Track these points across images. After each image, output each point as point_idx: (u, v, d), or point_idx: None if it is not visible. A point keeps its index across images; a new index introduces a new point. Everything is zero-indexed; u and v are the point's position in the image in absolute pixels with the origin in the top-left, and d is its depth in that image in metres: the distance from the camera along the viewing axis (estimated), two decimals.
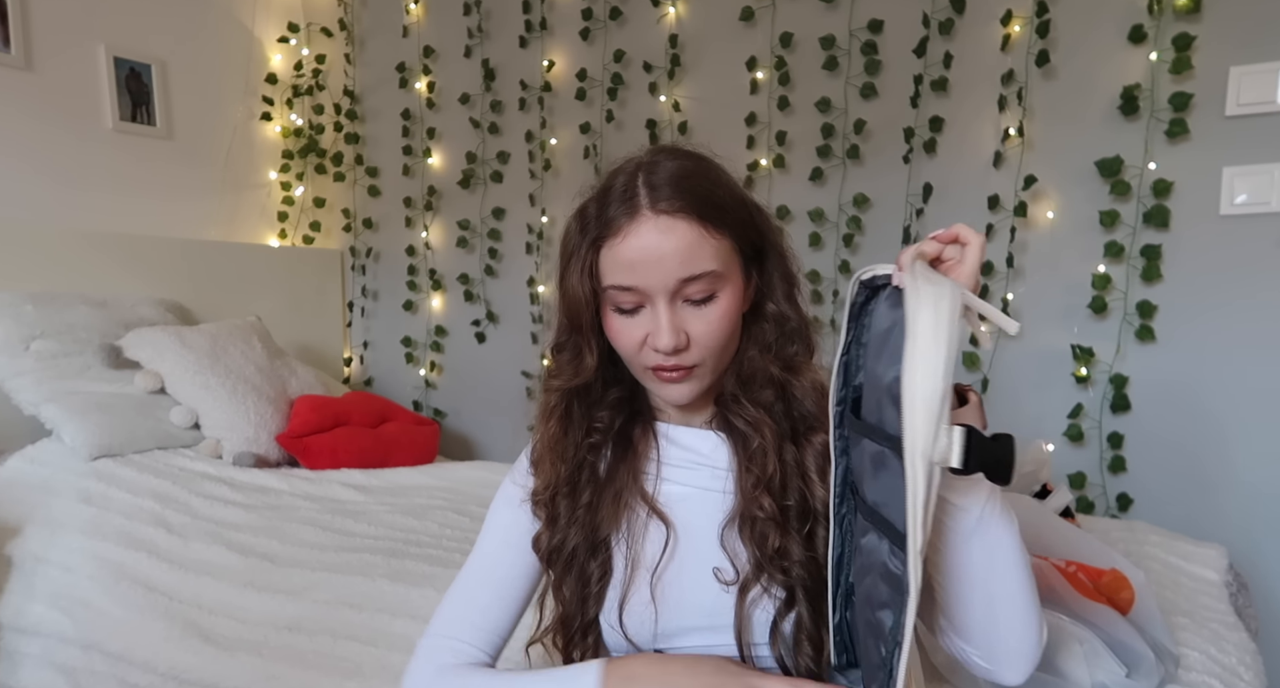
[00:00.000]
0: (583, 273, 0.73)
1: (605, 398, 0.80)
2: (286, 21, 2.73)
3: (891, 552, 0.56)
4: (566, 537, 0.78)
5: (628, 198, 0.71)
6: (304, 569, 1.41)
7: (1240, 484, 1.73)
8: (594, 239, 0.72)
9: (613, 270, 0.72)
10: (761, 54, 2.16)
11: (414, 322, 2.78)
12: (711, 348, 0.73)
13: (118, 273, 2.19)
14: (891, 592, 0.56)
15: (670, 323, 0.70)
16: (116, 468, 1.72)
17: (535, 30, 2.46)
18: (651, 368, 0.74)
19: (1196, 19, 1.70)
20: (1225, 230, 1.72)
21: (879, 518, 0.58)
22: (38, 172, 2.13)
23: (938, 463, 0.48)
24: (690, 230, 0.69)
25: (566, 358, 0.79)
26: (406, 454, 2.16)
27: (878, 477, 0.58)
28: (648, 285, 0.70)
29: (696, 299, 0.71)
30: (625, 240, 0.70)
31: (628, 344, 0.74)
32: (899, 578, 0.54)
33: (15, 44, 2.05)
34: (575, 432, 0.79)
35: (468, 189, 2.61)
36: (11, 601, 1.39)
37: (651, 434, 0.81)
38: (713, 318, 0.72)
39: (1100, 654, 0.89)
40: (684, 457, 0.80)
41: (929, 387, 0.48)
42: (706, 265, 0.70)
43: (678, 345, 0.71)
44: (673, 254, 0.69)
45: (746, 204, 0.76)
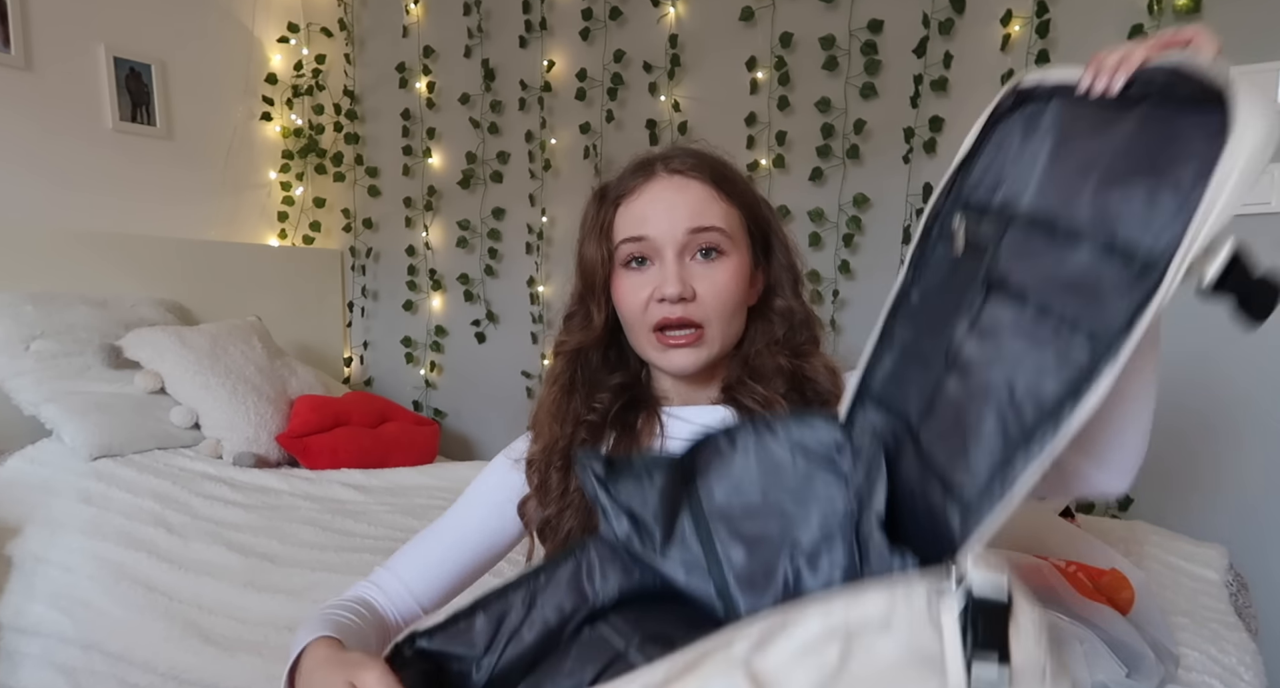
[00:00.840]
0: (600, 234, 0.77)
1: (607, 381, 0.81)
2: (286, 21, 2.73)
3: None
4: (561, 518, 0.78)
5: (645, 166, 0.77)
6: (304, 569, 1.41)
7: (1240, 484, 1.73)
8: (613, 201, 0.77)
9: (626, 224, 0.76)
10: (761, 54, 2.16)
11: (414, 322, 2.78)
12: (717, 309, 0.75)
13: (118, 273, 2.19)
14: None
15: (677, 272, 0.74)
16: (116, 468, 1.72)
17: (535, 30, 2.46)
18: (656, 330, 0.75)
19: (1196, 19, 1.70)
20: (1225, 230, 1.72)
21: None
22: (38, 172, 2.13)
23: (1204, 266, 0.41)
24: (702, 189, 0.75)
25: (577, 322, 0.82)
26: (406, 454, 2.16)
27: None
28: (658, 234, 0.74)
29: (704, 253, 0.75)
30: (640, 196, 0.76)
31: (635, 301, 0.76)
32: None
33: (15, 44, 2.05)
34: (576, 401, 0.80)
35: (468, 189, 2.61)
36: (11, 601, 1.39)
37: (656, 418, 0.81)
38: (719, 277, 0.75)
39: (1100, 654, 0.89)
40: (690, 430, 0.79)
41: (1238, 190, 0.41)
42: (715, 221, 0.75)
43: (683, 294, 0.73)
44: (683, 205, 0.74)
45: (756, 194, 0.81)
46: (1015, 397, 0.45)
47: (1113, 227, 0.45)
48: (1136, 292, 0.42)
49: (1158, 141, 0.45)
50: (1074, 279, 0.46)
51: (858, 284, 2.14)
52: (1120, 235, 0.44)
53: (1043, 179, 0.50)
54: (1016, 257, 0.50)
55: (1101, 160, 0.48)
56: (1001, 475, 0.43)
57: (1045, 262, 0.48)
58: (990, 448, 0.45)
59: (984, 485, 0.44)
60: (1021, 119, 0.54)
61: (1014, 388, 0.45)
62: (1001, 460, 0.44)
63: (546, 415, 0.81)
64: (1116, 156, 0.47)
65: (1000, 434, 0.45)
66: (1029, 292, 0.48)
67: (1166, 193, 0.44)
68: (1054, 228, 0.48)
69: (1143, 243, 0.43)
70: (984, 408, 0.47)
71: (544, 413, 0.82)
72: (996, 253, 0.51)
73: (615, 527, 0.60)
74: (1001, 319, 0.49)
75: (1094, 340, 0.43)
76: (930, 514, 0.48)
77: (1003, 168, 0.54)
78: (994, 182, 0.54)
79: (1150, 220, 0.44)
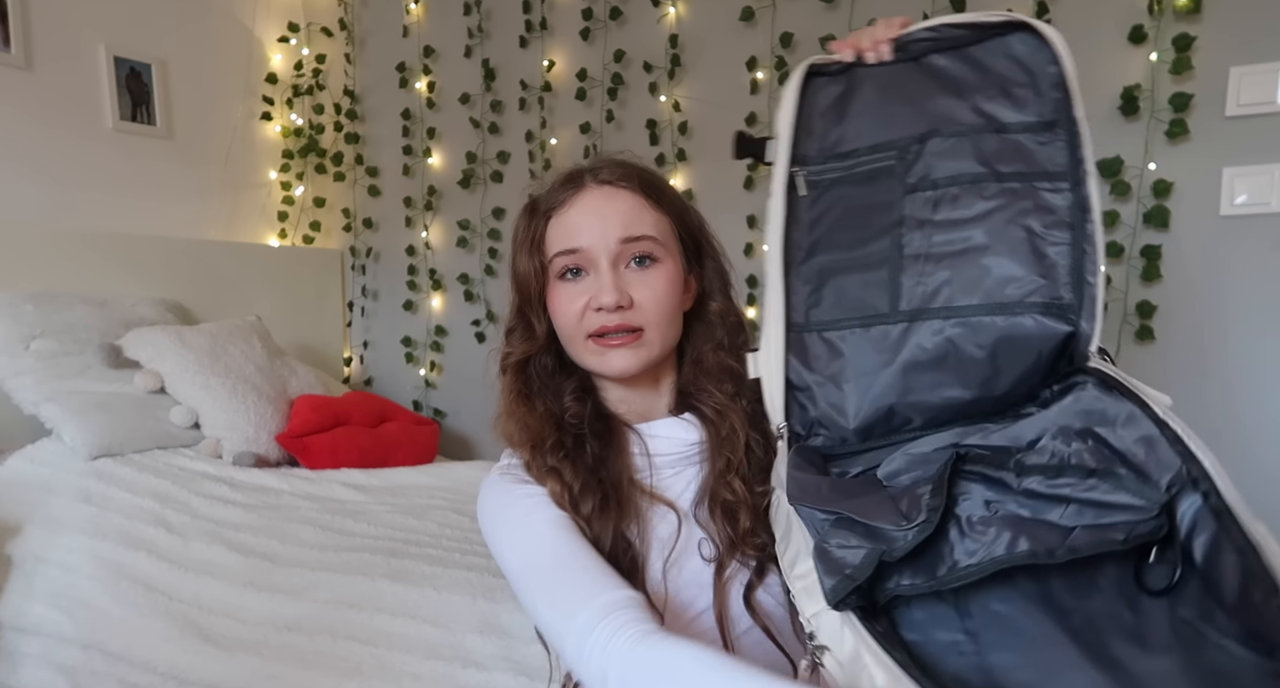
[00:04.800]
0: (533, 248, 0.78)
1: (563, 387, 0.81)
2: (286, 21, 2.73)
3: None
4: (600, 522, 0.74)
5: (574, 178, 0.78)
6: (304, 569, 1.41)
7: (1240, 484, 1.73)
8: (543, 213, 0.78)
9: (558, 237, 0.77)
10: (761, 54, 2.16)
11: (414, 322, 2.78)
12: (655, 314, 0.75)
13: (118, 273, 2.19)
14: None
15: (613, 281, 0.74)
16: (116, 468, 1.72)
17: (535, 30, 2.46)
18: (593, 336, 0.75)
19: (1196, 19, 1.70)
20: (1225, 231, 1.72)
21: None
22: (38, 172, 2.13)
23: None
24: (632, 198, 0.76)
25: (519, 335, 0.82)
26: (406, 454, 2.16)
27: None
28: (591, 245, 0.75)
29: (639, 261, 0.75)
30: (571, 207, 0.76)
31: (570, 312, 0.76)
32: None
33: (15, 44, 2.05)
34: (542, 402, 0.80)
35: (468, 189, 2.61)
36: (11, 600, 1.39)
37: (629, 434, 0.81)
38: (655, 283, 0.76)
39: None
40: (667, 446, 0.81)
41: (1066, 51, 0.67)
42: (647, 230, 0.75)
43: (620, 302, 0.74)
44: (614, 214, 0.75)
45: (684, 202, 0.82)
46: (1040, 229, 0.65)
47: (998, 115, 0.67)
48: (1054, 136, 0.66)
49: (977, 63, 0.69)
50: (1004, 148, 0.67)
51: None
52: (1004, 118, 0.67)
53: (911, 115, 0.70)
54: (937, 159, 0.68)
55: (952, 85, 0.69)
56: (1085, 269, 0.64)
57: (969, 151, 0.67)
58: (1061, 262, 0.64)
59: (1076, 286, 0.64)
60: (826, 94, 0.72)
61: (1031, 228, 0.65)
62: (1074, 263, 0.64)
63: (518, 425, 0.79)
64: (962, 78, 0.69)
65: (1060, 249, 0.65)
66: (968, 176, 0.67)
67: (1022, 88, 0.67)
68: (953, 136, 0.68)
69: (1027, 111, 0.67)
70: (1017, 249, 0.65)
71: (514, 425, 0.79)
72: (911, 168, 0.69)
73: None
74: (958, 200, 0.68)
75: (1054, 165, 0.66)
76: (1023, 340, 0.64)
77: (835, 128, 0.72)
78: (835, 137, 0.71)
79: (1025, 103, 0.67)
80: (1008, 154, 0.67)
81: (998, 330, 0.64)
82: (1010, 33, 0.68)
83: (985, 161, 0.67)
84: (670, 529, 0.77)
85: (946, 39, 0.70)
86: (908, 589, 0.54)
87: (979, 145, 0.67)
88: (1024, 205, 0.66)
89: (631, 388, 0.82)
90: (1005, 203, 0.66)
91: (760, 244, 2.22)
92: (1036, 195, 0.65)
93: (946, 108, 0.69)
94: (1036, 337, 0.64)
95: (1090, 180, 0.64)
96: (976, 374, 0.65)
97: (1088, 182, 0.64)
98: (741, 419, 0.78)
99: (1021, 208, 0.66)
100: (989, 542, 0.53)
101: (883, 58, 0.70)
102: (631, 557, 0.76)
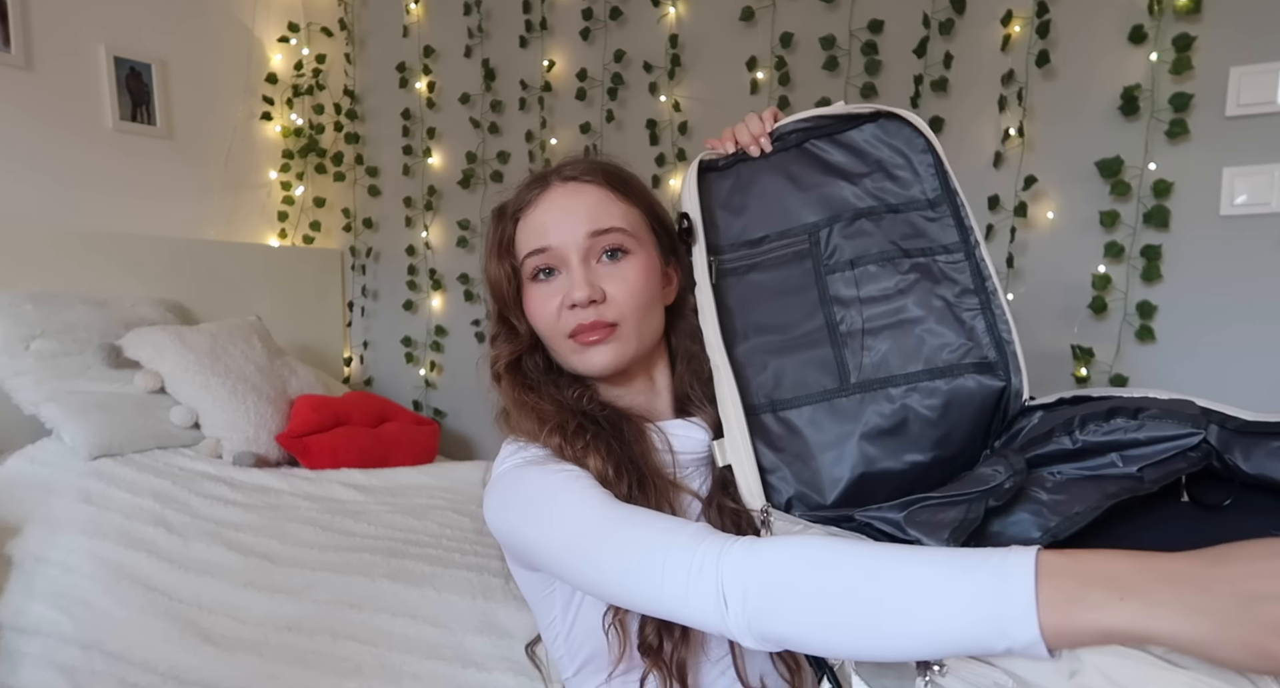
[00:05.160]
0: (503, 252, 0.78)
1: (562, 382, 0.80)
2: (286, 21, 2.73)
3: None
4: (621, 476, 0.72)
5: (539, 179, 0.78)
6: (304, 569, 1.41)
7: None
8: (511, 216, 0.78)
9: (527, 238, 0.77)
10: (761, 54, 2.16)
11: (414, 322, 2.78)
12: (631, 307, 0.75)
13: (118, 273, 2.19)
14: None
15: (584, 276, 0.74)
16: (116, 468, 1.72)
17: (535, 30, 2.46)
18: (571, 335, 0.75)
19: (1196, 19, 1.70)
20: (1225, 231, 1.72)
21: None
22: (38, 172, 2.13)
23: None
24: (598, 192, 0.76)
25: (503, 338, 0.82)
26: (406, 454, 2.16)
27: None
28: (560, 242, 0.74)
29: (609, 254, 0.75)
30: (537, 207, 0.76)
31: (546, 312, 0.76)
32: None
33: (15, 44, 2.05)
34: (547, 391, 0.79)
35: (468, 189, 2.61)
36: (11, 600, 1.39)
37: (647, 430, 0.79)
38: (628, 275, 0.75)
39: None
40: (688, 445, 0.80)
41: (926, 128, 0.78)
42: (615, 221, 0.75)
43: (593, 296, 0.73)
44: (580, 209, 0.75)
45: (653, 195, 0.82)
46: (953, 298, 0.75)
47: (886, 197, 0.77)
48: (940, 211, 0.77)
49: (856, 148, 0.78)
50: (902, 227, 0.76)
51: None
52: (893, 199, 0.76)
53: (809, 201, 0.78)
54: (847, 240, 0.76)
55: (839, 170, 0.77)
56: (999, 329, 0.74)
57: (874, 235, 0.76)
58: (978, 325, 0.74)
59: (996, 345, 0.74)
60: (720, 188, 0.80)
61: (946, 298, 0.74)
62: (988, 325, 0.74)
63: (534, 416, 0.76)
64: (845, 164, 0.77)
65: (974, 314, 0.74)
66: (878, 254, 0.75)
67: (902, 171, 0.76)
68: (855, 219, 0.76)
69: (912, 191, 0.76)
70: (944, 317, 0.74)
71: (528, 417, 0.76)
72: (826, 250, 0.77)
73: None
74: (877, 277, 0.75)
75: (946, 239, 0.76)
76: (967, 397, 0.73)
77: (738, 219, 0.79)
78: (739, 228, 0.79)
79: (908, 184, 0.76)
80: (907, 232, 0.75)
81: (945, 393, 0.71)
82: (878, 119, 0.77)
83: (891, 240, 0.75)
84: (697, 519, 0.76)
85: (821, 128, 0.77)
86: (1036, 540, 0.57)
87: (880, 225, 0.75)
88: (934, 278, 0.74)
89: (626, 386, 0.81)
90: (920, 277, 0.74)
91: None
92: (940, 268, 0.74)
93: (839, 192, 0.76)
94: (978, 394, 0.72)
95: (980, 249, 0.74)
96: (931, 436, 0.71)
97: (978, 251, 0.74)
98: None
99: (933, 280, 0.74)
100: (1068, 501, 0.59)
101: (765, 150, 0.78)
102: None
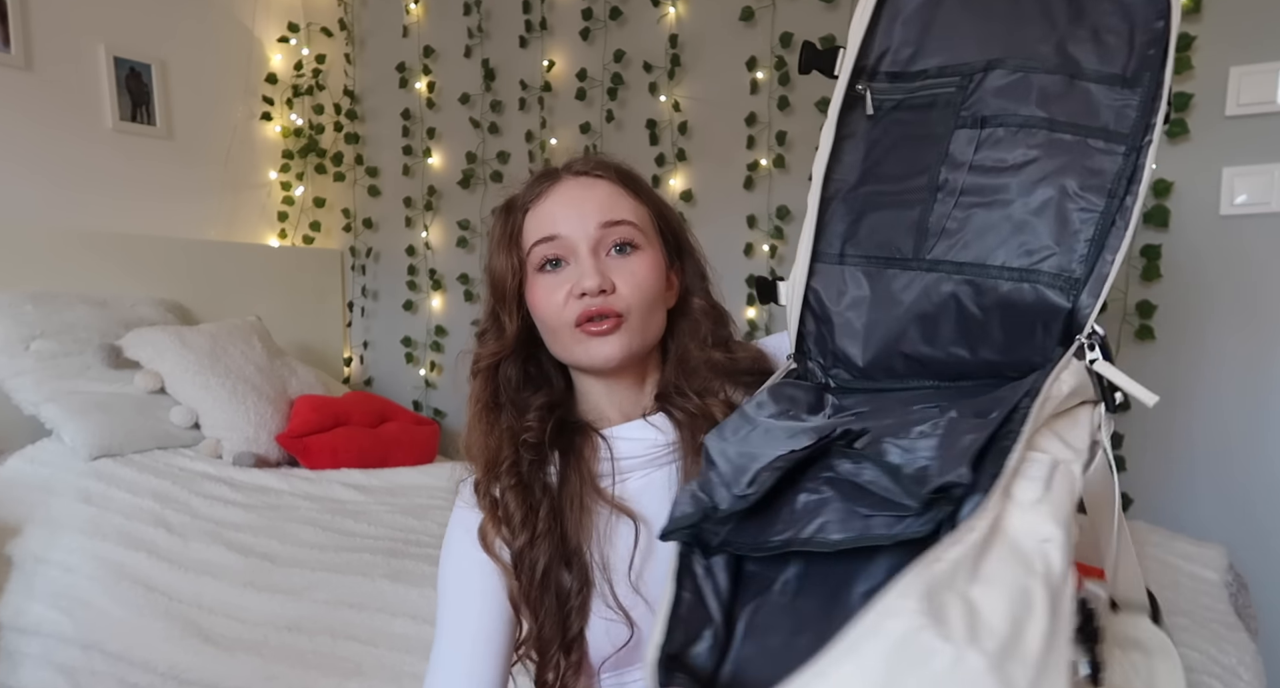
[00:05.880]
0: (510, 243, 0.77)
1: (531, 401, 0.79)
2: (286, 21, 2.74)
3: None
4: (535, 549, 0.75)
5: (549, 174, 0.78)
6: (304, 569, 1.41)
7: (1240, 484, 1.73)
8: (520, 208, 0.77)
9: (536, 227, 0.76)
10: (761, 54, 2.16)
11: (414, 322, 2.78)
12: (637, 300, 0.75)
13: (118, 273, 2.19)
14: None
15: (594, 265, 0.73)
16: (116, 468, 1.72)
17: (535, 30, 2.46)
18: (578, 324, 0.74)
19: (1196, 19, 1.70)
20: (1225, 230, 1.72)
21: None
22: (37, 172, 2.13)
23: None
24: (609, 186, 0.76)
25: (490, 336, 0.81)
26: (406, 454, 2.16)
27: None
28: (570, 232, 0.74)
29: (618, 248, 0.75)
30: (547, 198, 0.76)
31: (552, 303, 0.75)
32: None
33: (15, 44, 2.05)
34: (505, 417, 0.78)
35: (468, 189, 2.61)
36: (11, 601, 1.39)
37: (596, 440, 0.79)
38: (636, 269, 0.75)
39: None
40: (634, 448, 0.78)
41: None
42: (626, 215, 0.75)
43: (603, 286, 0.73)
44: (592, 200, 0.75)
45: (661, 198, 0.82)
46: (1075, 189, 0.60)
47: (1077, 57, 0.61)
48: (1130, 95, 0.60)
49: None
50: (1069, 95, 0.60)
51: None
52: (1083, 62, 0.61)
53: (987, 35, 0.63)
54: (997, 97, 0.62)
55: (1044, 14, 0.62)
56: (1107, 244, 0.59)
57: (1029, 91, 0.61)
58: (1085, 230, 0.59)
59: (1090, 260, 0.59)
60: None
61: (1065, 187, 0.60)
62: (1097, 235, 0.59)
63: (479, 437, 0.78)
64: (1055, 10, 0.62)
65: (1089, 216, 0.59)
66: (1019, 119, 0.62)
67: (1115, 37, 0.61)
68: (1019, 70, 0.62)
69: (1111, 62, 0.60)
70: (1043, 210, 0.61)
71: (475, 435, 0.78)
72: (968, 100, 0.63)
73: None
74: (1000, 143, 0.62)
75: (1117, 125, 0.60)
76: (1022, 308, 0.61)
77: (914, 38, 0.66)
78: (909, 51, 0.66)
79: (1113, 53, 0.61)
80: (1071, 102, 0.61)
81: (999, 294, 0.61)
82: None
83: (1044, 104, 0.61)
84: (629, 542, 0.75)
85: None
86: (731, 548, 0.53)
87: (1043, 86, 0.61)
88: (1065, 161, 0.60)
89: (615, 384, 0.80)
90: (1045, 154, 0.61)
91: (760, 245, 2.22)
92: (1086, 152, 0.60)
93: (1026, 38, 0.62)
94: (1034, 307, 0.61)
95: (1147, 153, 0.58)
96: (971, 334, 0.62)
97: (1144, 153, 0.58)
98: (723, 416, 0.75)
99: (1062, 163, 0.60)
100: (802, 523, 0.51)
101: None
102: (584, 575, 0.75)
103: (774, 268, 2.21)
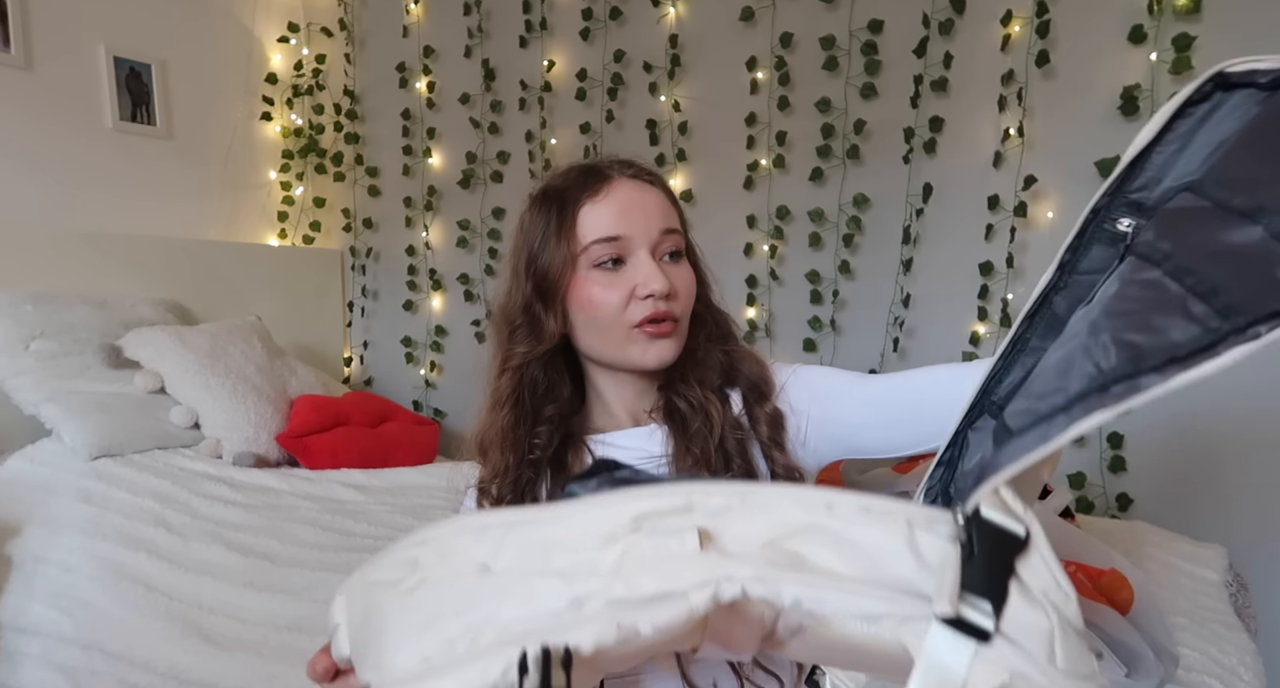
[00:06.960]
0: (561, 238, 0.76)
1: (544, 411, 0.79)
2: (286, 21, 2.74)
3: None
4: None
5: (598, 170, 0.77)
6: (304, 569, 1.41)
7: (1240, 484, 1.73)
8: (574, 201, 0.76)
9: (596, 225, 0.75)
10: (761, 54, 2.16)
11: (414, 322, 2.78)
12: (684, 306, 0.77)
13: (118, 273, 2.19)
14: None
15: (659, 269, 0.74)
16: (116, 468, 1.72)
17: (535, 30, 2.46)
18: (638, 325, 0.74)
19: (1196, 19, 1.70)
20: None
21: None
22: (37, 171, 2.13)
23: None
24: (660, 195, 0.78)
25: (524, 331, 0.78)
26: (406, 454, 2.16)
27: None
28: (633, 233, 0.75)
29: (672, 255, 0.77)
30: (608, 196, 0.76)
31: (611, 302, 0.74)
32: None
33: (15, 44, 2.05)
34: (523, 430, 0.78)
35: (468, 189, 2.61)
36: (11, 601, 1.39)
37: (584, 451, 0.80)
38: (687, 277, 0.78)
39: (1100, 654, 0.89)
40: (624, 458, 0.78)
41: None
42: (676, 224, 0.78)
43: (668, 290, 0.74)
44: (653, 206, 0.76)
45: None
46: (1108, 339, 0.38)
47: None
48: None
49: None
50: (1230, 249, 0.39)
51: (857, 284, 2.14)
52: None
53: (1220, 161, 0.44)
54: (1167, 228, 0.44)
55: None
56: (1065, 414, 0.37)
57: (1199, 231, 0.42)
58: (1077, 383, 0.38)
59: (1032, 422, 0.38)
60: (1206, 109, 0.47)
61: (1113, 332, 0.38)
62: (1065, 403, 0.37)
63: (497, 438, 0.78)
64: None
65: (1089, 372, 0.38)
66: (1166, 255, 0.42)
67: None
68: (1226, 204, 0.42)
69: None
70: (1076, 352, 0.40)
71: (494, 434, 0.78)
72: (1142, 230, 0.45)
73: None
74: (1123, 275, 0.44)
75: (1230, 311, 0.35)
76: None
77: (1171, 161, 0.48)
78: (1160, 177, 0.48)
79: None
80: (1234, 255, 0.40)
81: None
82: None
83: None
84: None
85: None
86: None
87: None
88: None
89: (636, 383, 0.81)
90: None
91: (760, 245, 2.22)
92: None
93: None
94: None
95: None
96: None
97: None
98: (719, 414, 0.77)
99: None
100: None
101: None
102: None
103: (773, 268, 2.21)
